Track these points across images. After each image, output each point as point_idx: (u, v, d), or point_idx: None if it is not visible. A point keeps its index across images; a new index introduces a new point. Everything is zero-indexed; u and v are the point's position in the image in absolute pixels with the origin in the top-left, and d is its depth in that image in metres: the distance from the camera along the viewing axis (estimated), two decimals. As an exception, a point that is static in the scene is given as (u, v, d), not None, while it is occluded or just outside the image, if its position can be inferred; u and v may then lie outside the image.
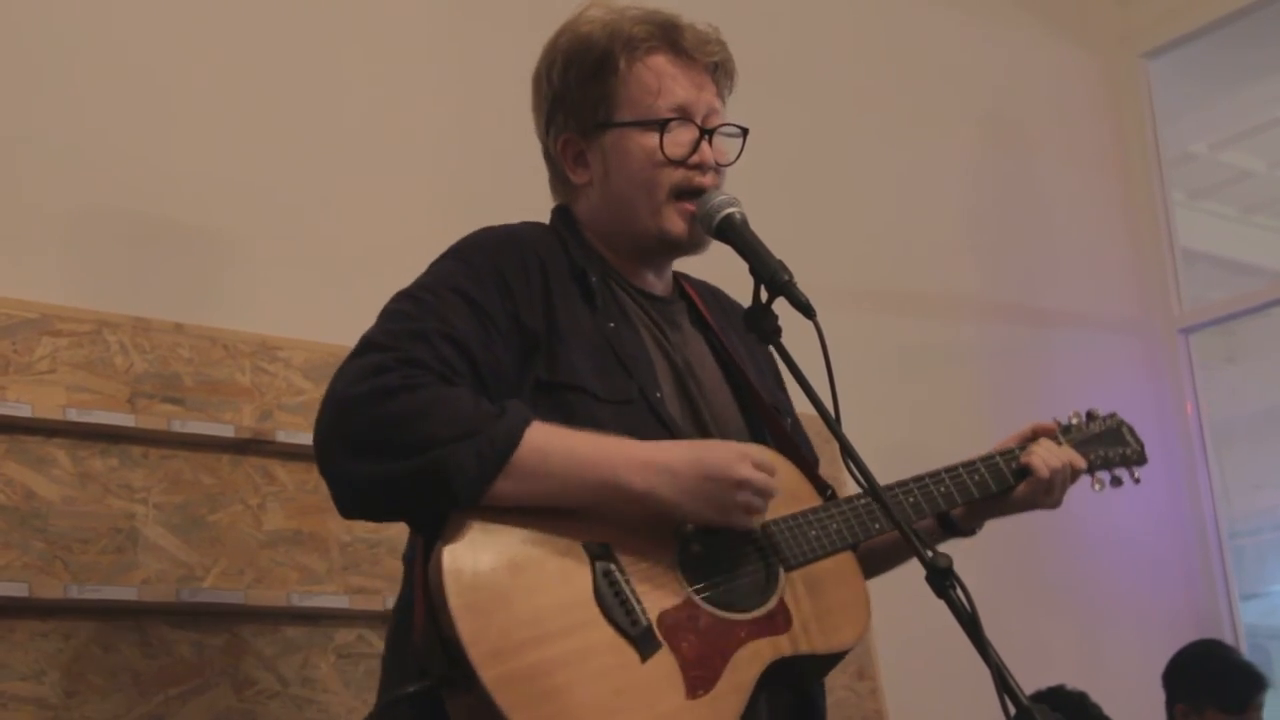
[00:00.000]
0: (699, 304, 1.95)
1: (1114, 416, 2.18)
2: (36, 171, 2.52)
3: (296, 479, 2.53)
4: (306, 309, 2.71)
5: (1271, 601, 5.40)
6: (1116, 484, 2.15)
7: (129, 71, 2.67)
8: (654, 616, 1.60)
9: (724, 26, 1.93)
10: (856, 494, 1.79)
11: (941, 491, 1.91)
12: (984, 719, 1.72)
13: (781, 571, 1.71)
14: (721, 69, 1.90)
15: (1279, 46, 4.93)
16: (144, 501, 2.35)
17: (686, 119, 1.83)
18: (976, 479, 1.95)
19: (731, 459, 1.65)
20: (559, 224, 1.89)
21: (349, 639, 2.51)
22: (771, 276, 1.73)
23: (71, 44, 2.61)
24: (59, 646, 2.20)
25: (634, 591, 1.60)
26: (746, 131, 1.90)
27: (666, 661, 1.58)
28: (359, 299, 2.77)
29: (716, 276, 2.05)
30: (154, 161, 2.65)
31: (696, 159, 1.83)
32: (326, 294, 2.76)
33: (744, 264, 1.77)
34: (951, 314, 4.08)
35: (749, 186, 1.93)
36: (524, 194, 1.99)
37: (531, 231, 1.84)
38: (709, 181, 1.84)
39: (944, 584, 1.50)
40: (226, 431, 2.44)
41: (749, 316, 1.78)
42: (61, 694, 2.18)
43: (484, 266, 1.73)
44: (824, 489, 1.85)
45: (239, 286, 2.69)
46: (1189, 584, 4.38)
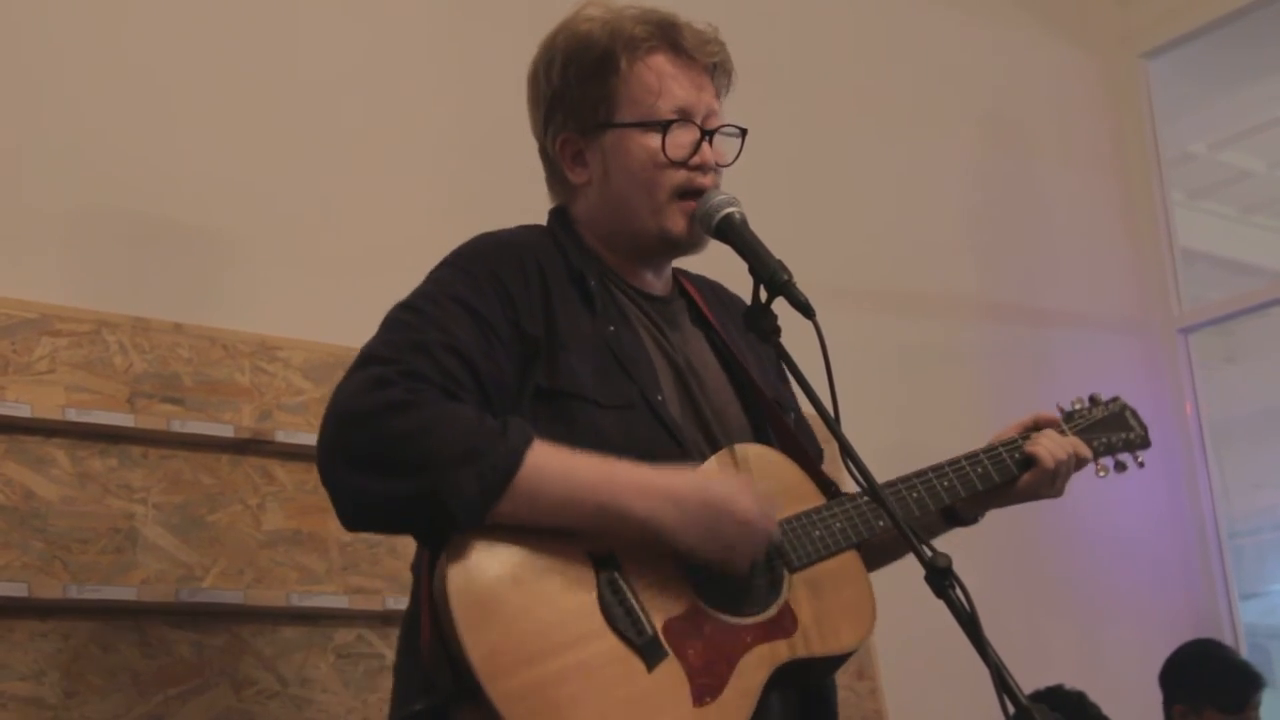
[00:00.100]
0: (699, 301, 1.95)
1: (1117, 401, 2.17)
2: (36, 171, 2.52)
3: (296, 479, 2.53)
4: (306, 309, 2.71)
5: (1271, 601, 5.40)
6: (1120, 469, 2.14)
7: (129, 71, 2.67)
8: (659, 625, 1.60)
9: (724, 26, 1.93)
10: (859, 492, 1.78)
11: (945, 485, 1.91)
12: (983, 718, 1.72)
13: (786, 573, 1.71)
14: (720, 69, 1.90)
15: (1278, 46, 4.92)
16: (143, 501, 2.35)
17: (687, 120, 1.83)
18: (980, 471, 1.95)
19: (736, 493, 1.64)
20: (557, 227, 1.88)
21: (348, 639, 2.51)
22: (771, 276, 1.73)
23: (71, 44, 2.61)
24: (58, 646, 2.19)
25: (639, 600, 1.60)
26: (745, 132, 1.89)
27: (673, 670, 1.58)
28: (358, 299, 2.77)
29: (716, 276, 2.05)
30: (154, 161, 2.65)
31: (697, 160, 1.82)
32: (326, 294, 2.76)
33: (743, 264, 1.77)
34: (951, 314, 4.08)
35: (749, 186, 1.93)
36: (524, 194, 1.98)
37: (529, 236, 1.83)
38: (709, 182, 1.84)
39: (943, 584, 1.50)
40: (226, 431, 2.44)
41: (748, 316, 1.78)
42: (61, 694, 2.18)
43: (483, 274, 1.72)
44: (827, 485, 1.84)
45: (238, 286, 2.69)
46: (1188, 583, 4.38)
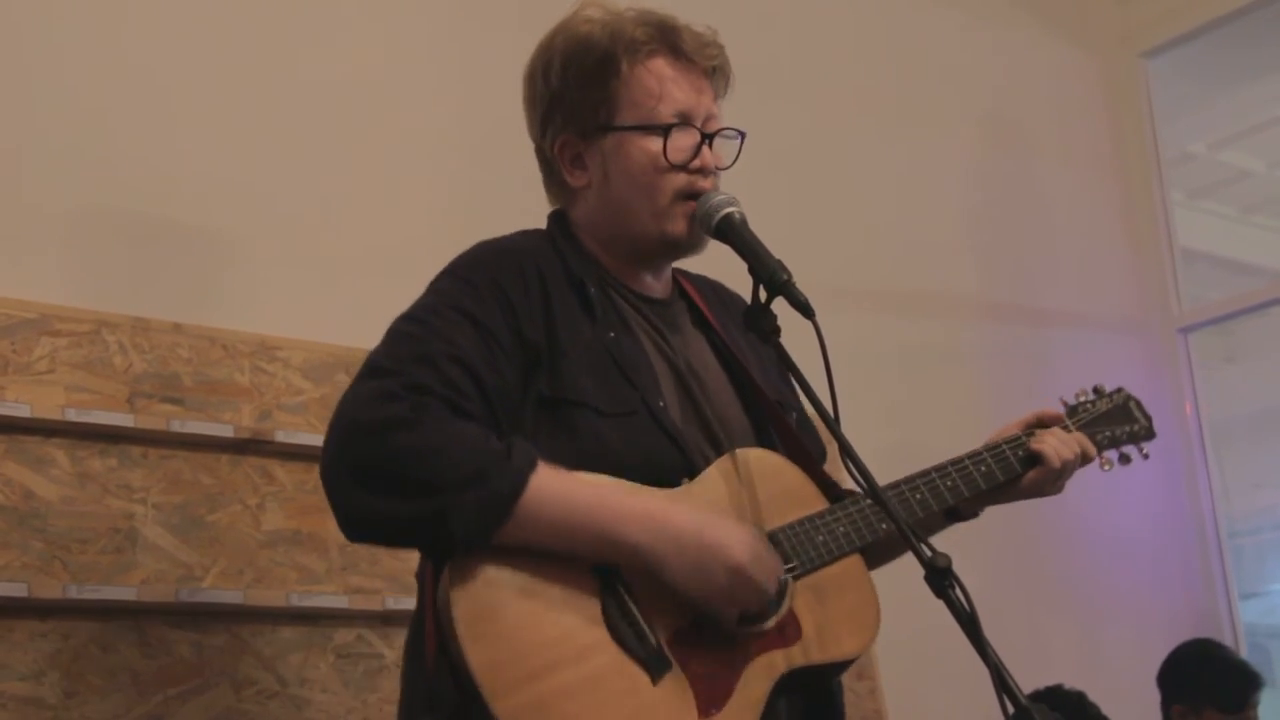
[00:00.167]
0: (699, 302, 1.94)
1: (1121, 392, 2.16)
2: (36, 171, 2.52)
3: (296, 479, 2.52)
4: (305, 309, 2.71)
5: (1271, 600, 5.40)
6: (1125, 461, 2.13)
7: (129, 71, 2.67)
8: (664, 636, 1.61)
9: (724, 27, 1.93)
10: (860, 493, 1.77)
11: (948, 485, 1.90)
12: (983, 718, 1.72)
13: (790, 580, 1.71)
14: (719, 72, 1.89)
15: (1278, 46, 4.92)
16: (143, 501, 2.35)
17: (687, 124, 1.82)
18: (983, 470, 1.94)
19: (735, 540, 1.62)
20: (556, 232, 1.87)
21: (348, 639, 2.51)
22: (770, 276, 1.72)
23: (71, 44, 2.61)
24: (58, 646, 2.19)
25: (643, 612, 1.60)
26: (744, 135, 1.89)
27: (678, 682, 1.59)
28: (358, 299, 2.79)
29: (716, 276, 2.05)
30: (153, 162, 2.65)
31: (698, 164, 1.82)
32: (325, 294, 2.76)
33: (743, 264, 1.77)
34: (951, 314, 4.08)
35: (749, 186, 1.93)
36: (523, 195, 1.98)
37: (528, 242, 1.83)
38: (709, 186, 1.83)
39: (943, 584, 1.50)
40: (226, 431, 2.44)
41: (748, 316, 1.78)
42: (60, 694, 2.18)
43: (484, 283, 1.72)
44: (829, 487, 1.84)
45: (238, 286, 2.69)
46: (1188, 583, 4.38)
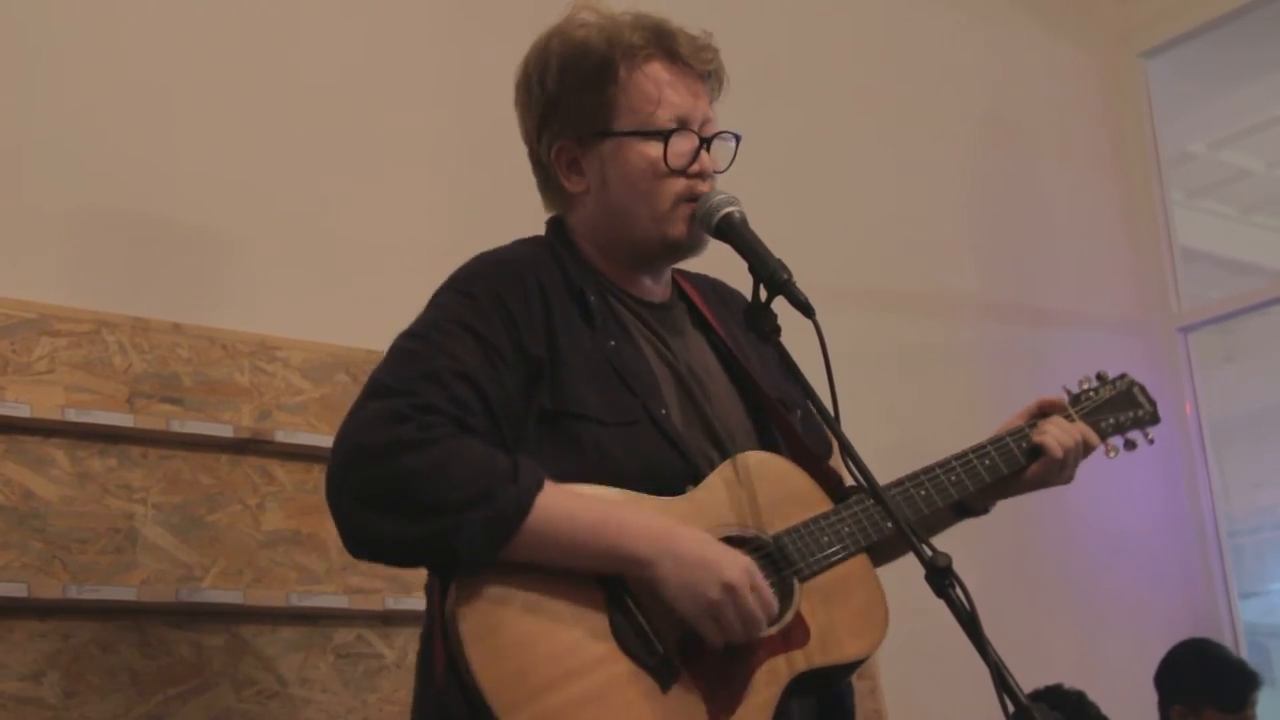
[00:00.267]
0: (699, 303, 1.94)
1: (1125, 378, 2.16)
2: (36, 171, 2.52)
3: (295, 479, 2.53)
4: (305, 309, 2.71)
5: (1270, 600, 5.39)
6: (1130, 447, 2.13)
7: (129, 71, 2.67)
8: (672, 644, 1.60)
9: (724, 27, 1.93)
10: (865, 492, 1.77)
11: (952, 480, 1.90)
12: (983, 718, 1.72)
13: (796, 583, 1.70)
14: (714, 76, 1.89)
15: (1277, 45, 4.92)
16: (143, 501, 2.35)
17: (686, 128, 1.82)
18: (987, 463, 1.94)
19: (730, 561, 1.62)
20: (554, 239, 1.87)
21: (348, 639, 2.51)
22: (771, 275, 1.73)
23: (71, 44, 2.61)
24: (58, 647, 2.19)
25: (650, 621, 1.60)
26: (738, 138, 1.89)
27: (688, 689, 1.59)
28: (358, 299, 2.79)
29: (715, 276, 2.05)
30: (153, 161, 2.65)
31: (696, 168, 1.82)
32: (325, 294, 2.76)
33: (743, 263, 1.77)
34: (951, 313, 4.08)
35: (749, 186, 1.92)
36: (523, 195, 1.98)
37: (527, 252, 1.82)
38: (707, 189, 1.83)
39: (943, 583, 1.50)
40: (225, 431, 2.44)
41: (748, 315, 1.78)
42: (60, 694, 2.18)
43: (485, 297, 1.72)
44: (834, 485, 1.83)
45: (238, 286, 2.69)
46: (1188, 583, 4.38)
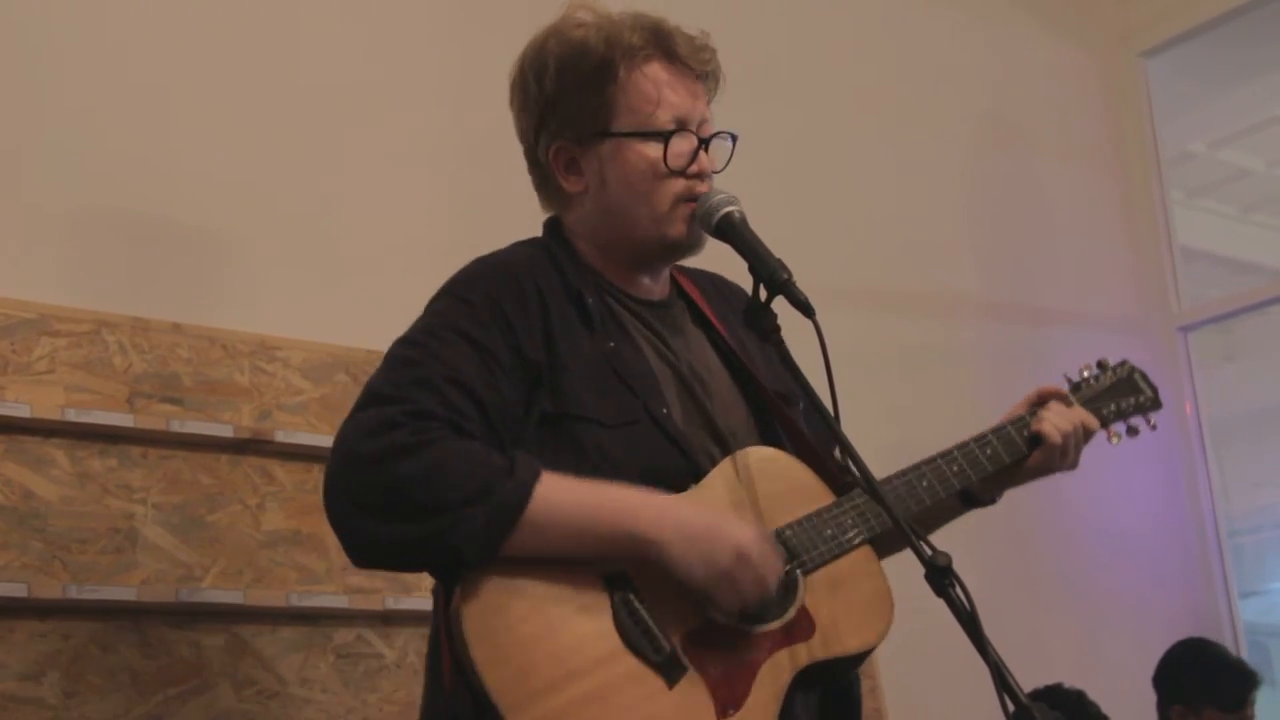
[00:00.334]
0: (698, 300, 1.94)
1: (1125, 364, 2.16)
2: (36, 171, 2.52)
3: (295, 479, 2.53)
4: (305, 309, 2.71)
5: (1271, 599, 5.39)
6: (1133, 433, 2.13)
7: (129, 71, 2.67)
8: (677, 640, 1.61)
9: (723, 27, 1.93)
10: None
11: (954, 470, 1.90)
12: (983, 717, 1.72)
13: (800, 576, 1.70)
14: (712, 76, 1.89)
15: (1277, 45, 4.92)
16: (143, 501, 2.35)
17: (684, 129, 1.82)
18: (989, 452, 1.95)
19: (740, 529, 1.63)
20: (551, 241, 1.87)
21: (348, 639, 2.51)
22: (770, 275, 1.72)
23: (71, 44, 2.61)
24: (58, 647, 2.20)
25: (655, 617, 1.60)
26: (735, 138, 1.89)
27: (694, 685, 1.59)
28: (357, 299, 2.79)
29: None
30: (153, 162, 2.65)
31: (695, 169, 1.82)
32: (325, 294, 2.77)
33: (743, 262, 1.77)
34: (950, 313, 4.08)
35: (748, 186, 1.92)
36: (523, 195, 1.98)
37: (524, 254, 1.82)
38: (706, 189, 1.83)
39: (943, 582, 1.50)
40: (225, 431, 2.44)
41: (748, 314, 1.78)
42: (60, 694, 2.18)
43: (482, 303, 1.71)
44: (837, 479, 1.83)
45: (238, 286, 2.69)
46: (1188, 582, 4.38)
